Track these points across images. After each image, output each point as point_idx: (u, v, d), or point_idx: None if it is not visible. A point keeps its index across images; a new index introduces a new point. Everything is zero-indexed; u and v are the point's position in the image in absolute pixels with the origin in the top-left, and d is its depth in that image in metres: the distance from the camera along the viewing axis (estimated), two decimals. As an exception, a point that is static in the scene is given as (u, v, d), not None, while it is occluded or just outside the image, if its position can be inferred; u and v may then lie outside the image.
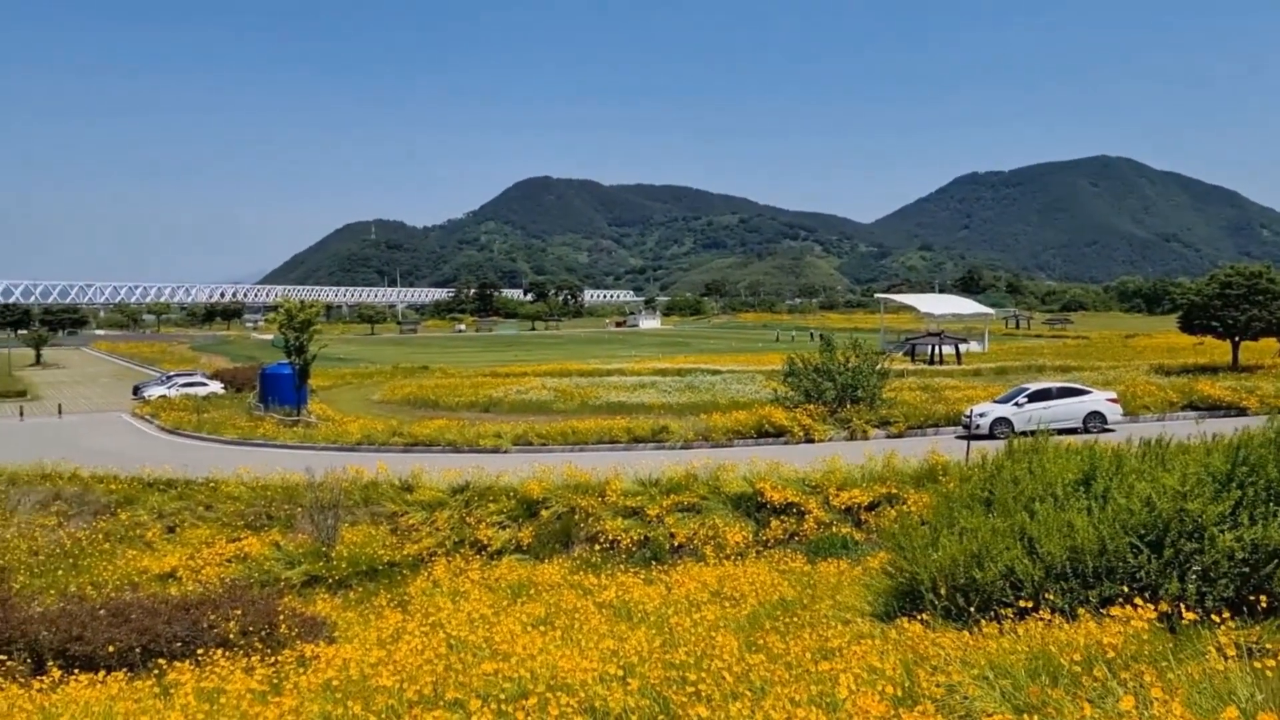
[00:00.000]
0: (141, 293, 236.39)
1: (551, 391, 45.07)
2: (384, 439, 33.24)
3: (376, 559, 19.40)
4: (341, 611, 15.50)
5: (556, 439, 31.71)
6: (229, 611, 12.22)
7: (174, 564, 19.94)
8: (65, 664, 10.81)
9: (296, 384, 41.07)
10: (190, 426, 39.78)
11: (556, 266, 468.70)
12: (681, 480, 21.83)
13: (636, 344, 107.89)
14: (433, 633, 11.04)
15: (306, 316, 40.96)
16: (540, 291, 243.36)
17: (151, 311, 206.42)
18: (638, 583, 14.88)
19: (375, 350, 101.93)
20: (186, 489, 25.40)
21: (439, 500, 22.71)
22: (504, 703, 6.75)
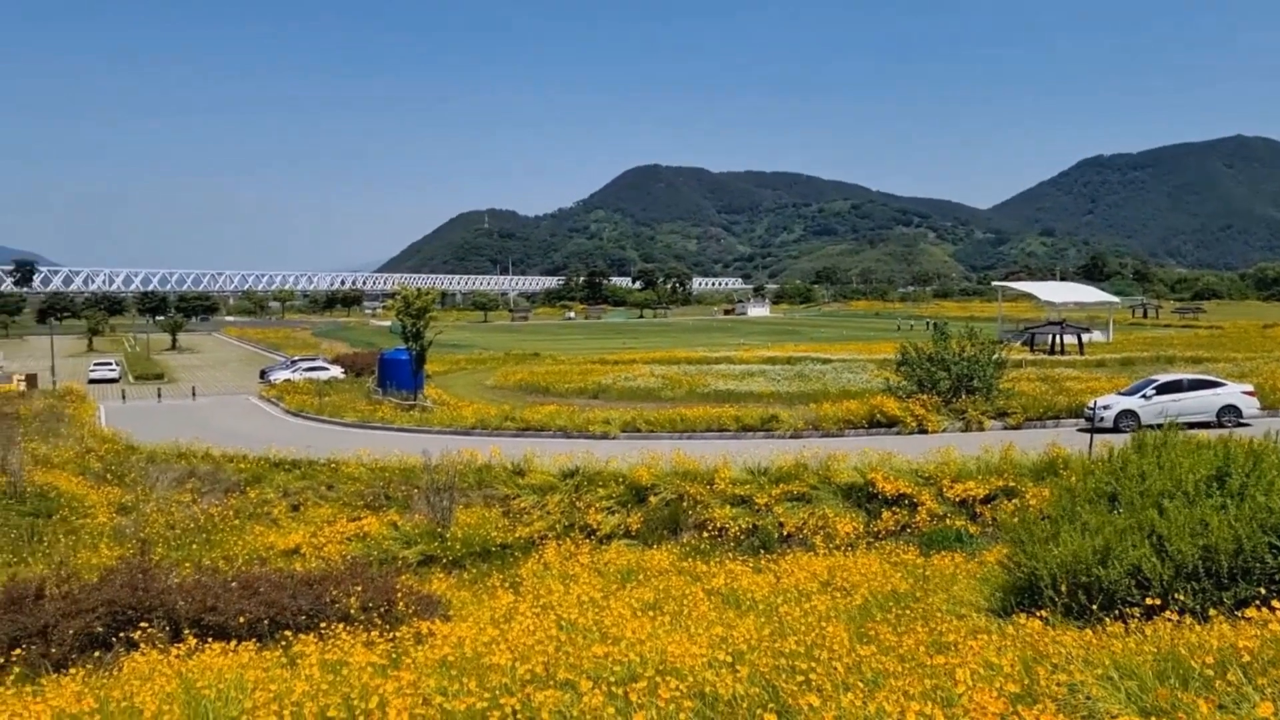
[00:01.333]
0: (267, 281, 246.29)
1: (659, 379, 45.21)
2: (497, 424, 33.90)
3: (489, 540, 19.82)
4: (456, 591, 15.89)
5: (664, 426, 31.82)
6: (350, 587, 12.63)
7: (298, 541, 20.76)
8: (200, 633, 11.36)
9: (413, 369, 42.22)
10: (312, 409, 41.33)
11: (665, 254, 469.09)
12: (791, 469, 21.66)
13: (745, 332, 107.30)
14: (544, 614, 11.22)
15: (423, 304, 42.05)
16: (648, 279, 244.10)
17: (276, 299, 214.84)
18: (746, 571, 14.83)
19: (488, 337, 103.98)
20: (310, 469, 26.44)
21: (550, 484, 23.07)
22: (614, 685, 6.82)
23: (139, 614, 11.63)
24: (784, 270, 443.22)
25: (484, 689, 7.05)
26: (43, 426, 35.64)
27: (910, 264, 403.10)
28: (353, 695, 6.87)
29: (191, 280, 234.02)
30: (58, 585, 12.58)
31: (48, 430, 34.81)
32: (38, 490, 24.20)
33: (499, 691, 6.90)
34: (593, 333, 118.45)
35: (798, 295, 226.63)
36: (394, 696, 6.61)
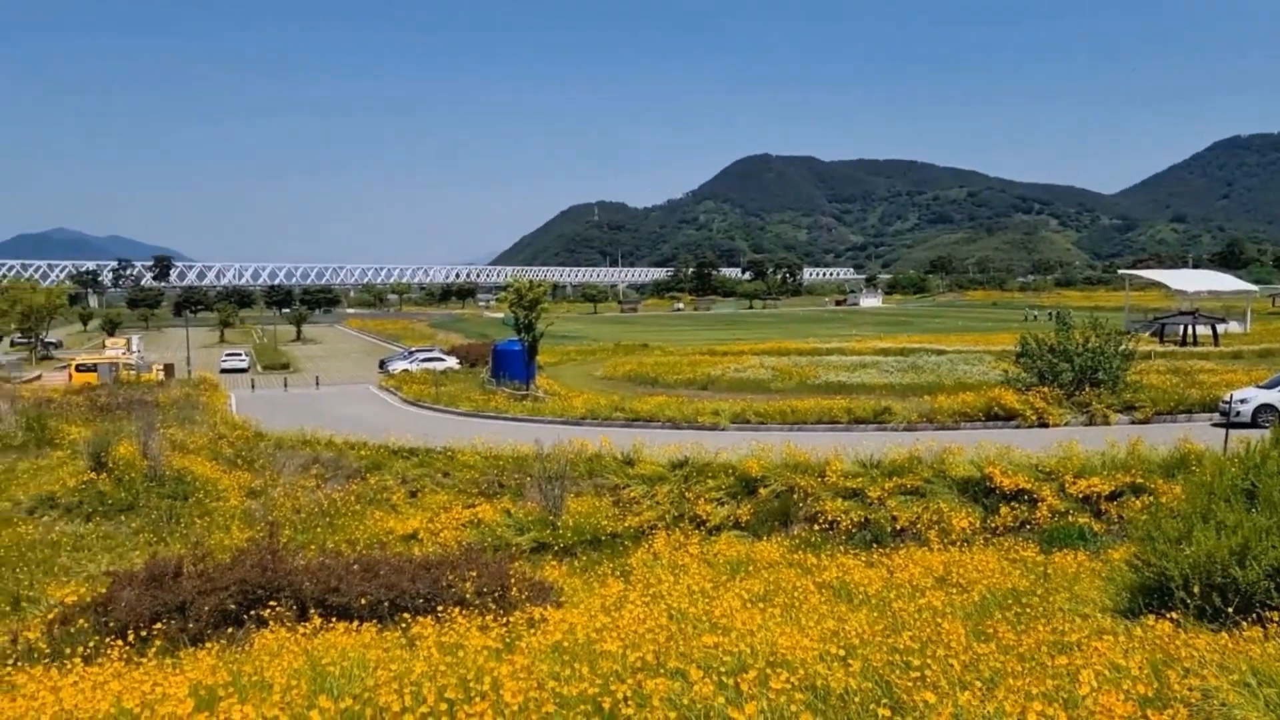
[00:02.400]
0: (386, 274, 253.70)
1: (769, 370, 44.90)
2: (607, 414, 34.19)
3: (600, 529, 20.02)
4: (567, 578, 16.10)
5: (775, 418, 31.57)
6: (465, 573, 12.93)
7: (416, 526, 21.36)
8: (324, 612, 11.80)
9: (525, 360, 42.92)
10: (429, 399, 42.43)
11: (775, 244, 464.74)
12: (904, 462, 21.23)
13: (857, 323, 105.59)
14: (654, 603, 11.28)
15: (535, 295, 42.67)
16: (758, 270, 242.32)
17: (394, 291, 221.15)
18: (858, 565, 14.62)
19: (597, 328, 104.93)
20: (427, 457, 27.16)
21: (659, 475, 23.16)
22: (724, 675, 6.81)
23: (268, 593, 12.15)
24: (897, 260, 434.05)
25: (596, 675, 7.13)
26: (179, 414, 37.53)
27: (1030, 252, 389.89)
28: (469, 677, 7.03)
29: (315, 274, 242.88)
30: (194, 564, 13.25)
31: (184, 417, 36.63)
32: (175, 474, 25.50)
33: (610, 678, 6.97)
34: (702, 324, 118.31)
35: (911, 285, 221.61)
36: (509, 679, 6.74)
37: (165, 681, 7.75)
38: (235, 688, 7.46)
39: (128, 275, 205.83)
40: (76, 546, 21.19)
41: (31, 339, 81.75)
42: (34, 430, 32.44)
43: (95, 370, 54.05)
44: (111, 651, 10.23)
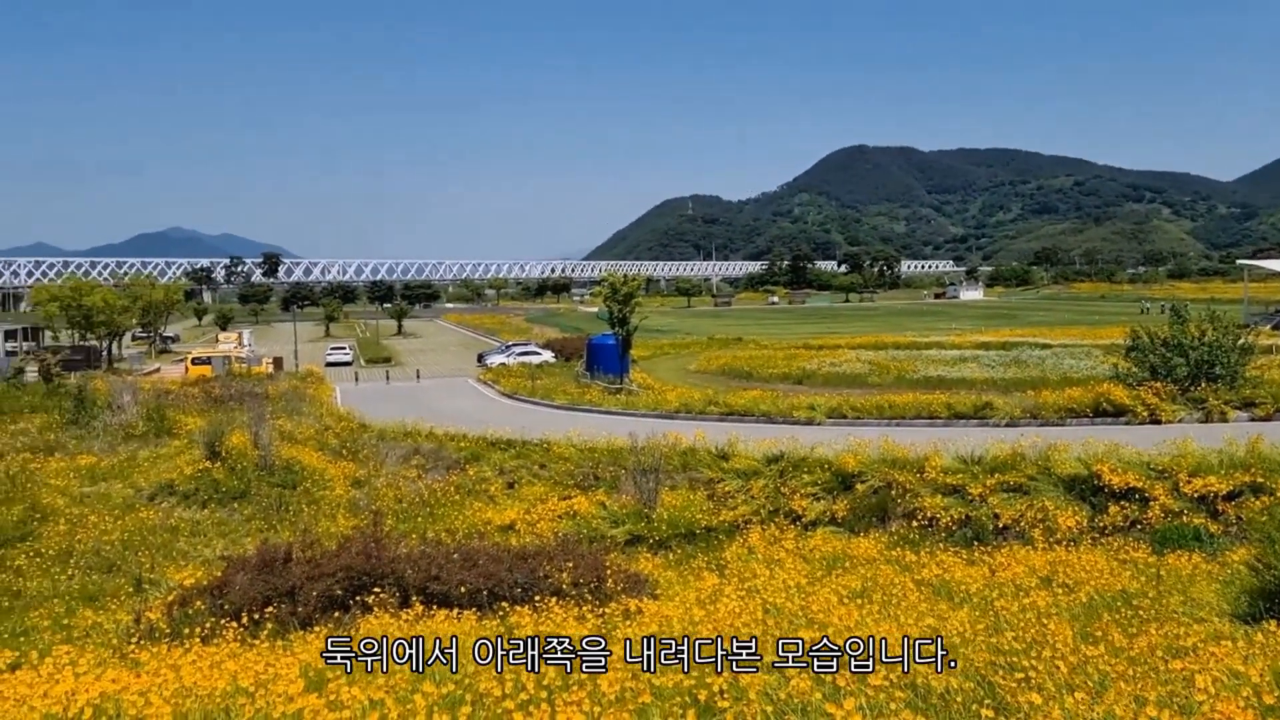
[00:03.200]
0: (483, 269, 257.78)
1: (866, 364, 44.24)
2: (701, 408, 34.17)
3: (694, 523, 20.03)
4: (662, 571, 16.17)
5: (871, 413, 31.12)
6: (562, 563, 13.10)
7: (513, 517, 21.71)
8: (425, 600, 12.10)
9: (620, 354, 43.17)
10: (525, 392, 43.03)
11: (871, 237, 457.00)
12: (1007, 459, 20.69)
13: (957, 316, 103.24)
14: (749, 597, 11.25)
15: (629, 290, 42.89)
16: (854, 263, 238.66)
17: (491, 286, 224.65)
18: (958, 563, 14.33)
19: (691, 322, 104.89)
20: (523, 449, 27.56)
21: (754, 469, 23.05)
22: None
23: (372, 580, 12.51)
24: (999, 251, 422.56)
25: (691, 667, 7.15)
26: (288, 405, 38.86)
27: (1141, 242, 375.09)
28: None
29: (415, 270, 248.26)
30: (302, 551, 13.71)
31: (292, 409, 37.92)
32: (284, 463, 26.43)
33: (706, 670, 6.98)
34: (796, 317, 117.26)
35: (1014, 277, 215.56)
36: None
37: (277, 662, 8.04)
38: (342, 671, 7.69)
39: (239, 272, 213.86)
40: (193, 532, 22.16)
41: (151, 333, 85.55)
42: (154, 420, 34.01)
43: (209, 363, 56.31)
44: (226, 633, 10.67)
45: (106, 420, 34.93)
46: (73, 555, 19.80)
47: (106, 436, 32.90)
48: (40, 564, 19.33)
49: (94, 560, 19.48)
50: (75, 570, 18.86)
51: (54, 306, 66.48)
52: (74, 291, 65.89)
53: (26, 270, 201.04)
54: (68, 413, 36.63)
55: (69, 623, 14.74)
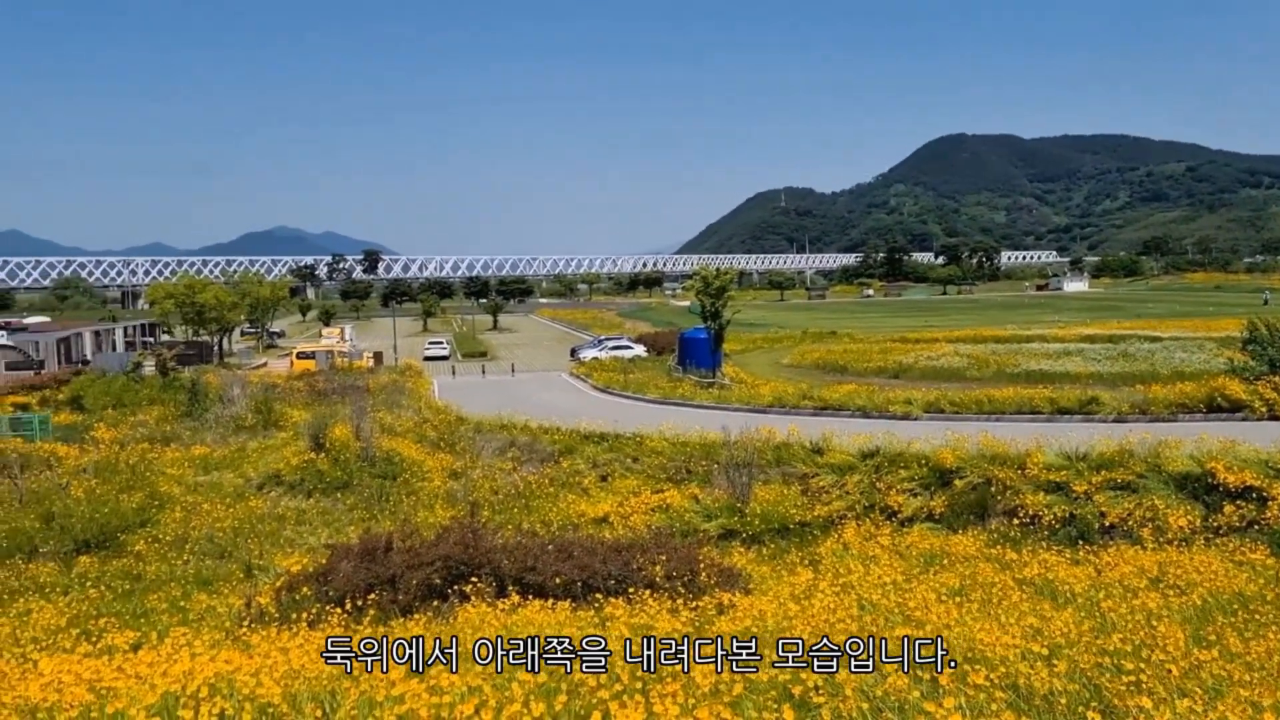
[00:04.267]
0: (576, 265, 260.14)
1: (965, 358, 43.26)
2: (794, 402, 33.88)
3: (787, 518, 19.90)
4: (755, 565, 16.11)
5: (970, 407, 30.43)
6: (655, 556, 13.15)
7: (606, 510, 21.87)
8: (521, 590, 12.30)
9: (712, 348, 43.08)
10: (618, 386, 43.27)
11: (970, 227, 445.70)
12: (1114, 455, 19.98)
13: (1060, 308, 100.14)
14: (844, 593, 11.14)
15: (721, 283, 42.74)
16: (952, 254, 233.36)
17: (584, 281, 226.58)
18: (1062, 562, 13.92)
19: (784, 315, 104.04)
20: (616, 442, 27.73)
21: (849, 464, 22.76)
22: (919, 669, 6.66)
23: (469, 569, 12.76)
24: (1105, 241, 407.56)
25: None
26: (387, 398, 39.86)
27: (1259, 230, 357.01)
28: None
29: (509, 265, 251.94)
30: (402, 540, 14.06)
31: (391, 402, 38.88)
32: (385, 455, 27.13)
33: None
34: (892, 310, 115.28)
35: (1121, 268, 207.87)
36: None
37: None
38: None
39: (340, 269, 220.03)
40: (299, 520, 22.92)
41: (259, 329, 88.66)
42: (262, 413, 35.30)
43: (314, 358, 58.10)
44: (331, 618, 11.02)
45: (218, 413, 36.40)
46: (188, 541, 20.69)
47: (218, 428, 34.28)
48: (158, 549, 20.25)
49: (207, 546, 20.32)
50: (190, 556, 19.71)
51: (169, 304, 69.44)
52: (188, 289, 68.67)
53: (144, 269, 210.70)
54: (182, 405, 38.30)
55: (185, 605, 15.41)
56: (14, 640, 11.93)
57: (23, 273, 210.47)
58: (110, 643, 10.88)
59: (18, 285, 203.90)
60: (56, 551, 20.08)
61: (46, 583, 17.72)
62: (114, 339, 72.37)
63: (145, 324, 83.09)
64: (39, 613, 14.73)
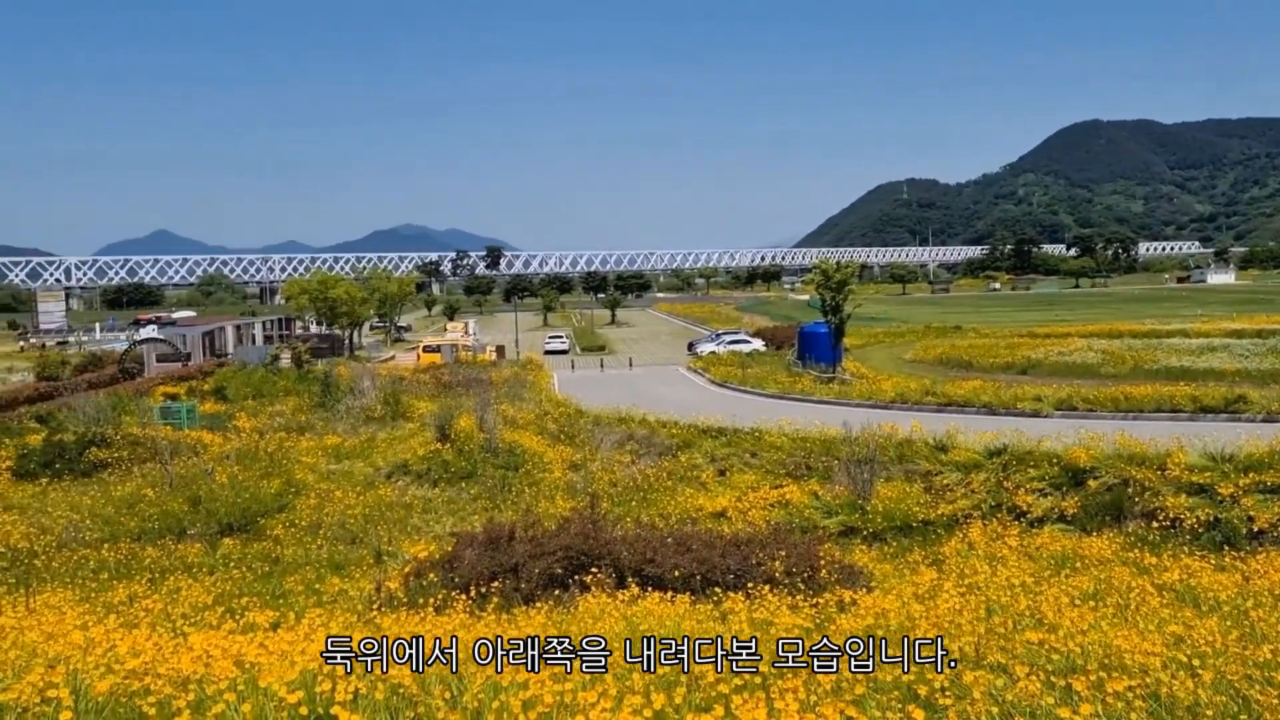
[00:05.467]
0: (693, 259, 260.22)
1: (1099, 354, 41.55)
2: (917, 398, 33.18)
3: (910, 516, 19.49)
4: (877, 563, 15.84)
5: (1105, 405, 29.22)
6: (774, 551, 13.07)
7: (724, 504, 21.83)
8: (640, 582, 12.38)
9: (832, 342, 42.50)
10: (735, 380, 43.11)
11: (1104, 217, 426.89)
12: (1265, 457, 18.86)
13: (1203, 302, 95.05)
14: (970, 594, 10.84)
15: (842, 277, 42.11)
16: (1085, 245, 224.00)
17: (702, 275, 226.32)
18: (1205, 567, 13.22)
19: (906, 310, 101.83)
20: (734, 437, 27.63)
21: (974, 462, 22.15)
22: (1052, 674, 6.43)
23: (589, 560, 12.93)
24: (1253, 231, 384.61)
25: (910, 662, 6.98)
26: (510, 391, 40.67)
27: None
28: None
29: (627, 260, 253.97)
30: (525, 530, 14.36)
31: (513, 395, 39.66)
32: (507, 446, 27.71)
33: (925, 666, 6.80)
34: (1020, 304, 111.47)
35: (1271, 259, 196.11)
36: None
37: (504, 634, 8.45)
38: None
39: (464, 265, 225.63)
40: (425, 509, 23.62)
41: (387, 323, 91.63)
42: (390, 405, 36.51)
43: (439, 351, 59.75)
44: (457, 604, 11.32)
45: (349, 404, 37.82)
46: (321, 527, 21.57)
47: (349, 419, 35.60)
48: (294, 534, 21.18)
49: (339, 532, 21.15)
50: (323, 541, 20.54)
51: (304, 299, 72.44)
52: (321, 285, 71.48)
53: (280, 266, 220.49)
54: (316, 397, 39.94)
55: (319, 588, 16.06)
56: (166, 616, 12.66)
57: (171, 270, 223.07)
58: (252, 621, 11.45)
59: (166, 282, 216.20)
60: (203, 533, 21.22)
61: (194, 562, 18.74)
62: (253, 333, 75.89)
63: (281, 318, 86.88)
64: (187, 590, 15.59)
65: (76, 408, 33.06)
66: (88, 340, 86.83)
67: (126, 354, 56.04)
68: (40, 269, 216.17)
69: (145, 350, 56.87)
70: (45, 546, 19.90)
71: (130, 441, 29.51)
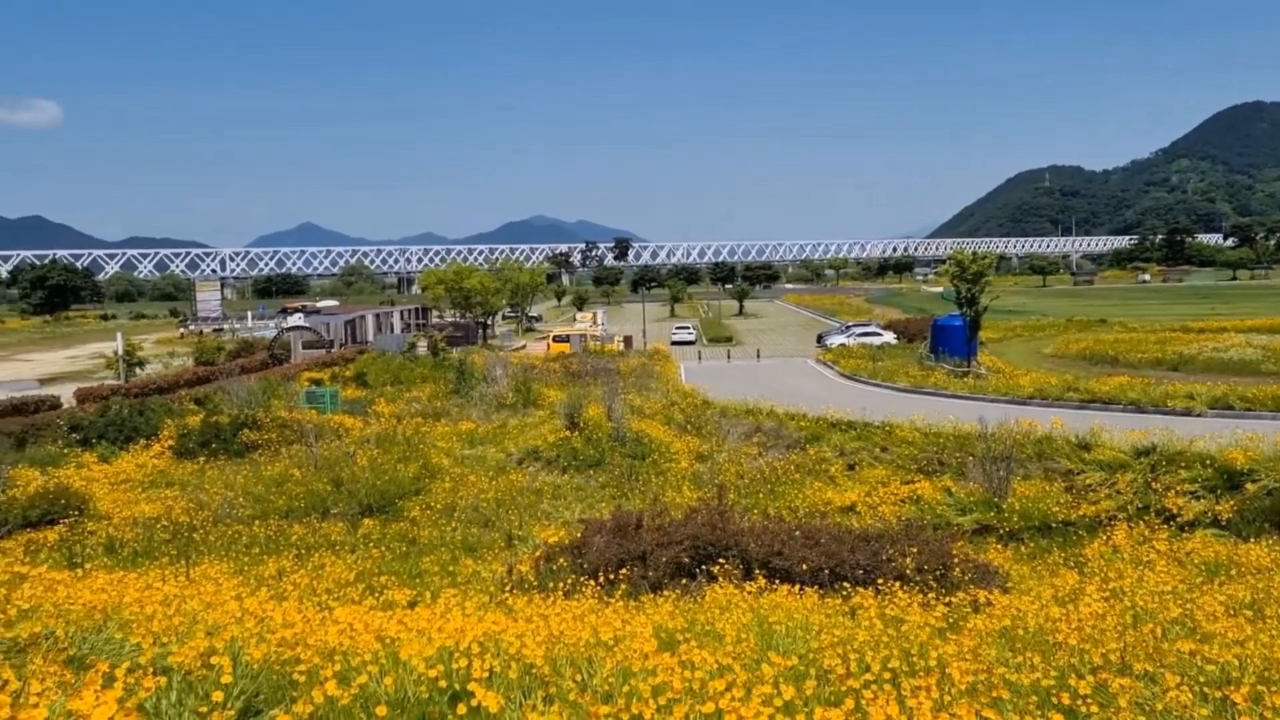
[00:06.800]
0: (822, 250, 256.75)
1: (1259, 350, 39.09)
2: (1058, 394, 31.97)
3: (1049, 515, 18.79)
4: (1013, 564, 15.36)
5: (1266, 404, 27.55)
6: (905, 548, 12.80)
7: (853, 499, 21.50)
8: (768, 574, 12.33)
9: (967, 335, 41.33)
10: (865, 373, 42.38)
11: (1267, 205, 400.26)
12: None
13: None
14: (1114, 599, 10.40)
15: (979, 268, 40.86)
16: (1244, 235, 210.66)
17: (831, 266, 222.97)
18: (1379, 580, 12.30)
19: (1046, 302, 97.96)
20: (864, 431, 27.17)
21: (1119, 461, 21.19)
22: (1205, 686, 6.11)
23: (716, 551, 12.94)
24: None
25: (1050, 666, 6.75)
26: (637, 381, 41.00)
27: None
28: (911, 651, 6.97)
29: (755, 251, 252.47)
30: (652, 519, 14.46)
31: (640, 384, 39.97)
32: (634, 436, 27.95)
33: (1064, 672, 6.56)
34: (1171, 297, 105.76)
35: None
36: (954, 659, 6.58)
37: (632, 621, 8.56)
38: (691, 633, 8.05)
39: (593, 256, 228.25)
40: (555, 495, 24.06)
41: (518, 313, 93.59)
42: (521, 392, 37.30)
43: (568, 341, 60.69)
44: (585, 589, 11.50)
45: (482, 391, 38.82)
46: (455, 510, 22.23)
47: (482, 405, 36.54)
48: (430, 516, 21.89)
49: (472, 515, 21.75)
50: (457, 523, 21.16)
51: (440, 289, 74.68)
52: (456, 275, 73.55)
53: (417, 257, 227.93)
54: (451, 384, 41.15)
55: (453, 569, 16.57)
56: (312, 590, 13.30)
57: (316, 261, 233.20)
58: (391, 598, 11.91)
59: (311, 273, 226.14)
60: (345, 513, 22.15)
61: (336, 540, 19.59)
62: (391, 321, 78.63)
63: (418, 307, 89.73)
64: (331, 567, 16.32)
65: (230, 391, 34.91)
66: (240, 327, 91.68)
67: (275, 341, 58.89)
68: (198, 260, 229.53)
69: (292, 337, 59.63)
70: (203, 521, 21.15)
71: (278, 424, 31.03)
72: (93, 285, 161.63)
